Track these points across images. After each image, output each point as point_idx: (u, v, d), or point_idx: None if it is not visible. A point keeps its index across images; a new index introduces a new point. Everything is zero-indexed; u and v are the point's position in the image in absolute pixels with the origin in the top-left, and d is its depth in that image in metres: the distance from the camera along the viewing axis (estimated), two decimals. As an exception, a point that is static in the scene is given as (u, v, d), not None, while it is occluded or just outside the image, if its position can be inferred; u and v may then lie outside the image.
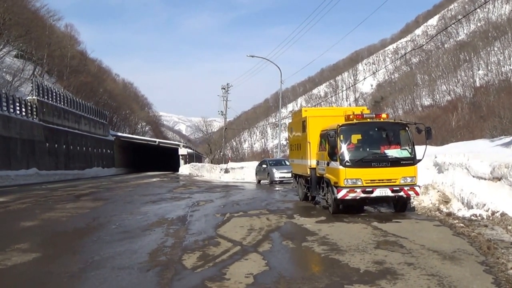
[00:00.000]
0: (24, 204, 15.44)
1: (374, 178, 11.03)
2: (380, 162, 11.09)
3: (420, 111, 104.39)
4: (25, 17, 45.81)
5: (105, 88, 75.15)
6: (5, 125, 31.68)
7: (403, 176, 11.03)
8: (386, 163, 11.10)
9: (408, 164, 11.12)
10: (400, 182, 11.02)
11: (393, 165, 11.07)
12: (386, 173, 11.01)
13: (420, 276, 5.85)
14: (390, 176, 11.02)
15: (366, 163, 11.06)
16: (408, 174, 11.10)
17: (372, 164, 11.06)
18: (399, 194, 11.13)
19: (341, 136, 11.21)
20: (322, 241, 8.31)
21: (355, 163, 11.02)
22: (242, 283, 5.71)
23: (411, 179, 11.14)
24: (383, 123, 11.87)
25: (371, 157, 11.20)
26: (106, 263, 7.00)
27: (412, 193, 11.25)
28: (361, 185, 10.97)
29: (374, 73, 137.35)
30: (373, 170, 11.03)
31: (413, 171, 11.18)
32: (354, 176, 10.98)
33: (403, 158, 11.16)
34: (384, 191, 11.01)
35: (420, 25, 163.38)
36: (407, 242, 8.04)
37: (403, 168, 11.06)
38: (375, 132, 11.79)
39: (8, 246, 8.14)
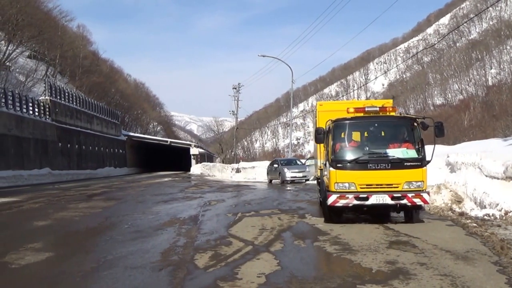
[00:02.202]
0: (37, 204, 15.59)
1: (371, 182, 9.45)
2: (379, 164, 9.44)
3: (432, 110, 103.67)
4: (38, 18, 46.26)
5: (117, 88, 75.61)
6: (18, 125, 32.01)
7: (407, 180, 9.36)
8: (386, 164, 9.42)
9: (415, 167, 9.39)
10: (403, 187, 9.37)
11: (394, 167, 9.39)
12: (385, 177, 9.40)
13: (433, 276, 5.81)
14: (390, 180, 9.40)
15: (361, 165, 9.50)
16: (413, 178, 9.39)
17: (369, 166, 9.45)
18: (401, 202, 9.40)
19: (333, 133, 9.87)
20: (334, 240, 8.29)
21: (347, 165, 9.53)
22: (254, 283, 5.71)
23: (418, 184, 9.38)
24: (384, 118, 10.20)
25: (367, 158, 9.58)
26: (119, 262, 7.04)
27: (418, 201, 9.37)
28: (355, 190, 9.46)
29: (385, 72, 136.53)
30: (370, 173, 9.43)
31: (420, 175, 9.41)
32: (346, 180, 9.49)
33: (408, 159, 9.44)
34: (382, 198, 9.38)
35: (431, 24, 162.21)
36: (420, 242, 7.99)
37: (407, 171, 9.38)
38: (374, 129, 10.24)
39: (22, 246, 8.21)
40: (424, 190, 9.46)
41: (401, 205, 9.52)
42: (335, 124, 9.92)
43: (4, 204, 15.39)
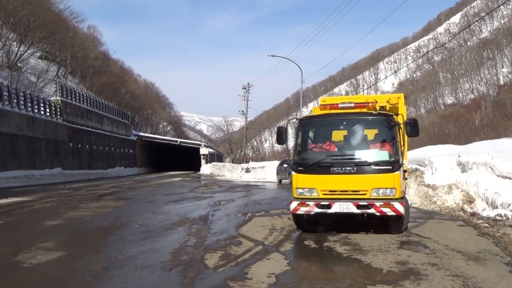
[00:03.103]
0: (48, 203, 15.71)
1: (335, 188, 8.36)
2: (343, 167, 8.30)
3: (443, 109, 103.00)
4: (49, 19, 46.65)
5: (127, 89, 75.99)
6: (30, 126, 32.29)
7: (375, 186, 8.15)
8: (351, 168, 8.27)
9: (385, 171, 8.14)
10: (371, 194, 8.16)
11: (361, 172, 8.23)
12: (351, 182, 8.27)
13: (444, 277, 5.77)
14: (356, 186, 8.24)
15: (324, 169, 8.40)
16: (383, 184, 8.14)
17: (332, 170, 8.33)
18: (368, 211, 8.20)
19: (297, 133, 9.01)
20: (344, 241, 8.26)
21: (308, 168, 8.54)
22: (264, 283, 5.71)
23: (389, 192, 8.12)
24: (354, 115, 8.88)
25: (330, 160, 8.46)
26: (129, 262, 7.07)
27: (388, 211, 8.05)
28: (316, 196, 8.44)
29: (395, 71, 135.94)
30: (334, 178, 8.34)
31: (391, 181, 8.12)
32: (307, 185, 8.52)
33: (376, 162, 8.24)
34: (346, 206, 8.23)
35: (442, 23, 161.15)
36: (431, 242, 7.94)
37: (376, 176, 8.18)
38: (343, 128, 9.08)
39: (33, 245, 8.28)
40: (396, 198, 8.11)
41: (369, 215, 8.34)
42: (300, 123, 9.10)
43: (16, 203, 15.53)
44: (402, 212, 8.14)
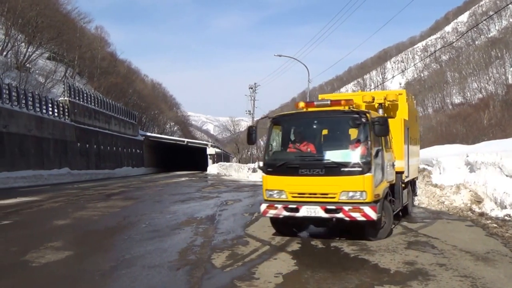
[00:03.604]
0: (56, 203, 15.80)
1: (303, 191, 7.94)
2: (311, 169, 7.85)
3: (451, 109, 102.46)
4: (57, 20, 46.87)
5: (134, 89, 76.23)
6: (38, 126, 32.47)
7: (344, 189, 7.63)
8: (320, 170, 7.79)
9: (354, 173, 7.60)
10: (339, 198, 7.66)
11: (329, 174, 7.72)
12: (319, 185, 7.81)
13: (452, 277, 5.74)
14: (325, 188, 7.77)
15: (292, 170, 8.00)
16: (352, 187, 7.61)
17: (300, 171, 7.92)
18: (336, 216, 7.70)
19: (268, 132, 8.64)
20: (351, 241, 8.23)
21: (277, 169, 8.17)
22: (272, 283, 5.71)
23: (359, 195, 7.59)
24: (326, 113, 8.41)
25: (298, 161, 8.12)
26: (137, 261, 7.10)
27: (357, 216, 7.53)
28: (285, 199, 8.07)
29: (403, 71, 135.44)
30: (302, 180, 7.92)
31: (360, 183, 7.57)
32: (276, 187, 8.15)
33: (345, 164, 7.69)
34: (314, 210, 7.76)
35: (450, 22, 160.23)
36: (439, 242, 7.91)
37: (345, 178, 7.64)
38: (314, 126, 8.63)
39: (42, 244, 8.33)
40: (368, 202, 7.59)
41: (338, 219, 7.81)
42: (271, 121, 8.72)
43: (25, 203, 15.62)
44: (373, 218, 7.52)
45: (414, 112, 12.24)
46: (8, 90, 29.33)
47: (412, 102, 12.31)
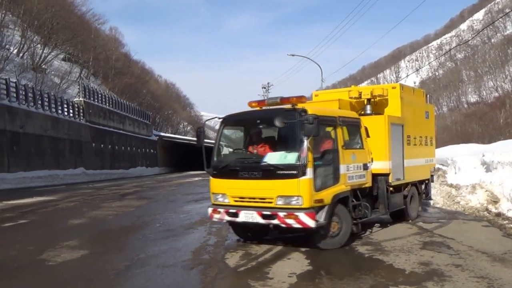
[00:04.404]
0: (72, 203, 15.95)
1: (243, 194, 7.57)
2: (250, 172, 7.49)
3: (466, 108, 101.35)
4: (72, 22, 47.37)
5: (148, 89, 76.67)
6: (54, 126, 32.85)
7: (280, 194, 7.13)
8: (257, 173, 7.41)
9: (289, 176, 7.06)
10: (276, 203, 7.17)
11: (266, 177, 7.28)
12: (258, 188, 7.38)
13: (468, 278, 5.68)
14: (263, 193, 7.32)
15: (233, 173, 7.67)
16: (287, 191, 7.09)
17: (240, 174, 7.57)
18: (273, 222, 7.24)
19: (218, 133, 8.40)
20: (365, 241, 8.20)
21: (220, 171, 7.91)
22: (286, 283, 5.70)
23: (294, 200, 7.04)
24: (268, 112, 7.98)
25: (238, 164, 7.80)
26: (151, 261, 7.14)
27: (292, 222, 7.01)
28: (227, 203, 7.76)
29: (417, 70, 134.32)
30: (242, 183, 7.56)
31: (295, 187, 7.01)
32: (219, 190, 7.89)
33: (281, 167, 7.17)
34: (251, 215, 7.35)
35: (465, 20, 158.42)
36: (455, 243, 7.83)
37: (281, 182, 7.13)
38: (257, 126, 8.10)
39: (58, 243, 8.43)
40: (304, 208, 7.01)
41: (275, 226, 7.40)
42: (221, 122, 8.42)
43: (41, 203, 15.81)
44: (309, 225, 6.97)
45: (417, 108, 10.87)
46: (25, 91, 29.73)
47: (415, 97, 11.08)
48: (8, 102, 27.57)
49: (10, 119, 27.60)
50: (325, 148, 7.72)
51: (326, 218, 7.26)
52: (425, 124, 11.29)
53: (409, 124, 10.07)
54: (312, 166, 7.11)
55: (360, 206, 8.27)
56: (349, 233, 7.80)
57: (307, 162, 6.99)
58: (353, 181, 8.04)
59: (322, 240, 7.50)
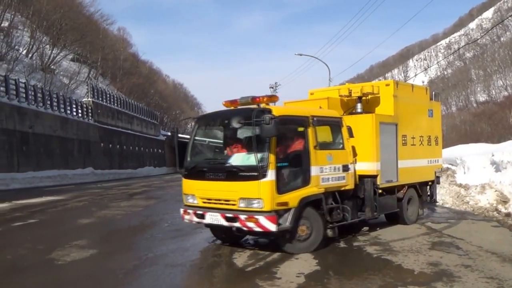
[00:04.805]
0: (81, 202, 16.04)
1: (210, 196, 7.43)
2: (215, 173, 7.39)
3: (475, 107, 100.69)
4: (80, 22, 47.63)
5: (156, 89, 76.95)
6: (63, 126, 33.07)
7: (242, 196, 6.97)
8: (222, 174, 7.29)
9: (250, 178, 6.87)
10: (239, 205, 7.01)
11: (230, 178, 7.14)
12: (222, 190, 7.25)
13: (478, 279, 5.64)
14: (226, 195, 7.18)
15: (201, 174, 7.58)
16: (248, 193, 6.92)
17: (206, 176, 7.47)
18: (234, 225, 7.10)
19: (193, 133, 8.22)
20: (374, 241, 8.17)
21: (190, 172, 7.82)
22: (294, 283, 5.70)
23: (255, 203, 6.85)
24: (232, 112, 7.67)
25: (205, 165, 7.73)
26: (159, 260, 7.17)
27: (252, 226, 6.84)
28: (196, 204, 7.65)
29: (425, 69, 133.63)
30: (209, 184, 7.44)
31: (255, 190, 6.83)
32: (189, 191, 7.80)
33: (243, 168, 7.03)
34: (216, 218, 7.23)
35: (474, 19, 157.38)
36: (464, 243, 7.78)
37: (243, 184, 6.98)
38: (226, 126, 7.86)
39: (67, 243, 8.48)
40: (265, 211, 6.78)
41: (239, 229, 7.27)
42: (194, 122, 8.40)
43: (50, 202, 15.92)
44: (270, 229, 6.77)
45: (417, 106, 10.22)
46: (34, 92, 29.95)
47: (415, 95, 10.29)
48: (18, 103, 27.78)
49: (20, 120, 27.81)
50: (295, 149, 7.47)
51: (292, 222, 6.98)
52: (428, 123, 10.61)
53: (405, 123, 9.53)
54: (275, 168, 6.85)
55: (338, 209, 7.93)
56: (321, 238, 7.47)
57: (269, 163, 6.78)
58: (329, 183, 7.70)
59: (288, 244, 7.24)
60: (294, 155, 7.42)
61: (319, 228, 7.46)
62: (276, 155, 6.93)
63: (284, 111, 7.37)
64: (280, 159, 7.03)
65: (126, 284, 6.06)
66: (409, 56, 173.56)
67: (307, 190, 7.32)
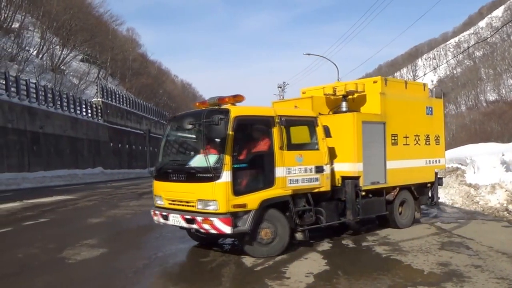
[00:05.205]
0: (91, 202, 16.15)
1: (174, 197, 7.40)
2: (178, 175, 7.33)
3: (485, 106, 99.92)
4: (90, 23, 48.01)
5: (164, 89, 77.29)
6: (73, 126, 33.33)
7: (199, 198, 6.88)
8: (182, 175, 7.25)
9: (206, 179, 6.77)
10: (197, 207, 6.91)
11: (189, 180, 7.10)
12: (183, 191, 7.22)
13: (488, 280, 5.61)
14: (186, 196, 7.14)
15: (165, 175, 7.57)
16: (204, 195, 6.83)
17: (170, 177, 7.45)
18: (192, 227, 7.05)
19: (165, 134, 8.13)
20: (383, 241, 8.15)
21: (157, 173, 7.79)
22: (303, 283, 5.70)
23: (211, 205, 6.73)
24: (194, 114, 7.49)
25: (170, 166, 7.65)
26: (169, 259, 7.22)
27: (208, 227, 6.75)
28: (162, 205, 7.64)
29: (434, 68, 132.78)
30: (172, 186, 7.41)
31: (210, 191, 6.75)
32: (157, 192, 7.78)
33: (199, 169, 6.91)
34: (177, 219, 7.20)
35: (484, 17, 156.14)
36: (474, 243, 7.74)
37: (200, 185, 6.90)
38: (190, 128, 7.51)
39: (78, 242, 8.55)
40: (220, 213, 6.66)
41: (197, 231, 7.21)
42: (167, 123, 8.47)
43: (60, 201, 16.04)
44: (224, 231, 6.68)
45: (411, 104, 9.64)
46: (44, 92, 30.24)
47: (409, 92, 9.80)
48: (28, 103, 28.05)
49: (30, 120, 28.07)
50: (258, 150, 7.28)
51: (251, 225, 6.78)
52: (426, 121, 9.95)
53: (396, 121, 9.04)
54: (230, 169, 6.70)
55: (311, 212, 7.67)
56: (286, 241, 7.23)
57: (223, 164, 6.66)
58: (298, 184, 7.44)
59: (248, 246, 7.07)
60: (256, 155, 7.23)
61: (285, 232, 7.23)
62: (233, 156, 6.80)
63: (244, 111, 7.19)
64: (238, 160, 6.92)
65: (136, 283, 6.11)
66: (418, 55, 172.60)
67: (270, 192, 7.12)
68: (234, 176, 6.76)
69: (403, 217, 9.43)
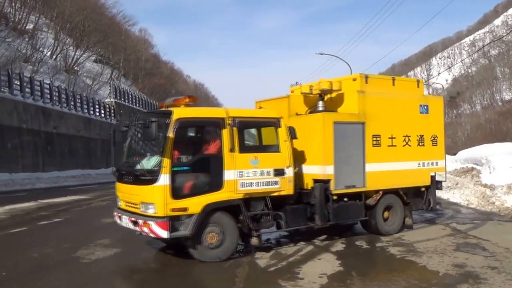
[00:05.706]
0: (104, 202, 16.24)
1: (127, 199, 7.32)
2: (128, 176, 7.24)
3: (500, 106, 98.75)
4: (103, 24, 48.34)
5: (177, 90, 77.45)
6: (86, 127, 33.59)
7: (141, 200, 6.80)
8: (130, 177, 7.17)
9: (147, 182, 6.66)
10: (141, 209, 6.81)
11: (135, 182, 7.00)
12: (131, 193, 7.15)
13: (505, 281, 5.53)
14: (134, 198, 7.06)
15: (120, 176, 7.49)
16: (145, 198, 6.74)
17: (123, 179, 7.37)
18: (136, 229, 6.93)
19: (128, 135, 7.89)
20: (397, 242, 8.09)
21: (116, 174, 7.69)
22: (316, 283, 5.67)
23: (151, 208, 6.61)
24: (146, 115, 7.40)
25: (124, 168, 7.51)
26: (182, 259, 7.21)
27: (147, 231, 6.64)
28: (119, 206, 7.63)
29: (449, 67, 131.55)
30: (125, 187, 7.34)
31: (149, 194, 6.66)
32: (117, 193, 7.69)
33: (141, 172, 6.72)
34: (126, 221, 7.09)
35: (499, 15, 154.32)
36: (490, 244, 7.64)
37: (142, 188, 6.81)
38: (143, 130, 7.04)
39: (92, 241, 8.61)
40: (157, 216, 6.54)
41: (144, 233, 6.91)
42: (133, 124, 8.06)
43: (74, 201, 16.17)
44: (161, 235, 6.55)
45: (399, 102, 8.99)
46: (58, 93, 30.51)
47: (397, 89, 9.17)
48: (43, 104, 28.31)
49: (44, 120, 28.33)
50: (204, 152, 7.12)
51: (193, 229, 6.58)
52: (420, 121, 9.20)
53: (379, 121, 8.47)
54: (169, 172, 6.53)
55: (269, 216, 7.39)
56: (235, 246, 7.09)
57: (162, 167, 6.50)
58: (252, 188, 7.16)
59: (194, 251, 6.86)
60: (201, 158, 7.08)
61: (233, 236, 7.04)
62: (175, 158, 6.68)
63: (189, 113, 7.02)
64: (180, 163, 6.76)
65: (152, 282, 6.13)
66: (432, 54, 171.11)
67: (216, 195, 6.89)
68: (173, 179, 6.59)
69: (389, 223, 8.82)
